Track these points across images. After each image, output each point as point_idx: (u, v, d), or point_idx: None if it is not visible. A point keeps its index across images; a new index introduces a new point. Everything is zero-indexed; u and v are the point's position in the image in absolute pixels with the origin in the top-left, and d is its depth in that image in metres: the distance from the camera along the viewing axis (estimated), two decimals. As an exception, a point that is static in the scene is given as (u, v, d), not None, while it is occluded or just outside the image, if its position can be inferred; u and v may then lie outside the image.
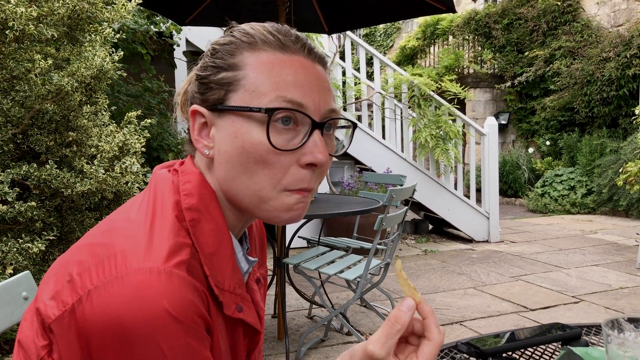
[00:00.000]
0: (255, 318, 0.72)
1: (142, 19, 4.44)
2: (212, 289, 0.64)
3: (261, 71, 0.66)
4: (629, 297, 3.94)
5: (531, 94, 10.13)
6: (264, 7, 3.73)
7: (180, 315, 0.57)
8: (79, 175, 1.73)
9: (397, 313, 0.60)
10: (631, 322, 0.66)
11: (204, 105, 0.69)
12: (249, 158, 0.65)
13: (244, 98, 0.66)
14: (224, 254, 0.67)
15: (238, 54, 0.68)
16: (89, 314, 0.56)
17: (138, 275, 0.57)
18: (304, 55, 0.69)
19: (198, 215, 0.66)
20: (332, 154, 0.70)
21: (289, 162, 0.66)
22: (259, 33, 0.69)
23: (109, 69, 1.74)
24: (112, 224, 0.66)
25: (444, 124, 5.91)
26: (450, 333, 3.28)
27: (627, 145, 7.82)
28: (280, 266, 3.08)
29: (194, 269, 0.62)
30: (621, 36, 8.59)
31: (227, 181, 0.68)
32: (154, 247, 0.60)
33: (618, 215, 7.89)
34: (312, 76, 0.68)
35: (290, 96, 0.65)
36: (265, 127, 0.64)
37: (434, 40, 11.77)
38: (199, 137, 0.70)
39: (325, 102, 0.68)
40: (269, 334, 3.28)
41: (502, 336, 0.99)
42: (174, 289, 0.57)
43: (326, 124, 0.69)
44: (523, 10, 10.27)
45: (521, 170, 9.55)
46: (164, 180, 0.69)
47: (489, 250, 5.65)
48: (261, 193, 0.66)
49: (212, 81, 0.68)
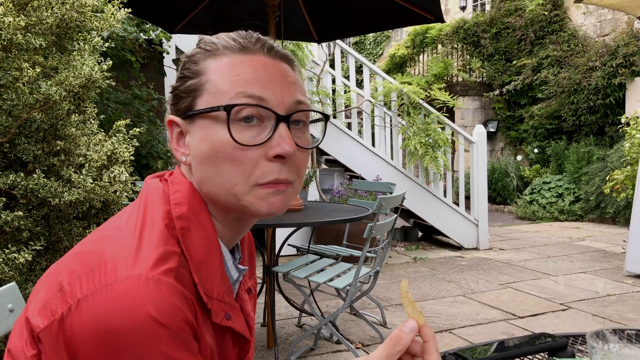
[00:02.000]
0: (244, 326, 0.73)
1: (132, 26, 4.44)
2: (200, 297, 0.65)
3: (222, 73, 0.68)
4: (617, 305, 3.98)
5: (519, 102, 10.23)
6: (253, 16, 3.75)
7: (166, 321, 0.57)
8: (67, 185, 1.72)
9: (399, 334, 0.61)
10: (615, 333, 0.66)
11: (177, 115, 0.71)
12: (218, 157, 0.67)
13: (208, 100, 0.68)
14: (213, 262, 0.67)
15: (201, 62, 0.70)
16: (77, 323, 0.57)
17: (126, 283, 0.58)
18: (264, 54, 0.70)
19: (188, 224, 0.67)
20: (305, 146, 0.71)
21: (257, 156, 0.67)
22: (222, 41, 0.71)
23: (97, 78, 1.73)
24: (104, 233, 0.67)
25: (433, 131, 5.95)
26: (440, 341, 3.29)
27: (613, 153, 7.90)
28: (269, 274, 3.07)
29: (183, 276, 0.63)
30: (607, 46, 8.71)
31: (204, 183, 0.69)
32: (142, 254, 0.61)
33: (605, 223, 7.96)
34: (273, 72, 0.70)
35: (250, 91, 0.67)
36: (227, 125, 0.66)
37: (423, 49, 11.85)
38: (177, 146, 0.72)
39: (290, 95, 0.70)
40: (258, 343, 3.27)
41: (491, 345, 0.99)
42: (160, 295, 0.58)
43: (294, 118, 0.70)
44: (511, 20, 10.38)
45: (510, 178, 9.62)
46: (155, 189, 0.70)
47: (478, 258, 5.68)
48: (234, 190, 0.67)
49: (181, 91, 0.71)
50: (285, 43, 5.47)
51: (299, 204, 3.21)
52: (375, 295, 4.09)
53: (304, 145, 0.71)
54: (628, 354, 0.64)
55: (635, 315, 3.72)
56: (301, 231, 5.26)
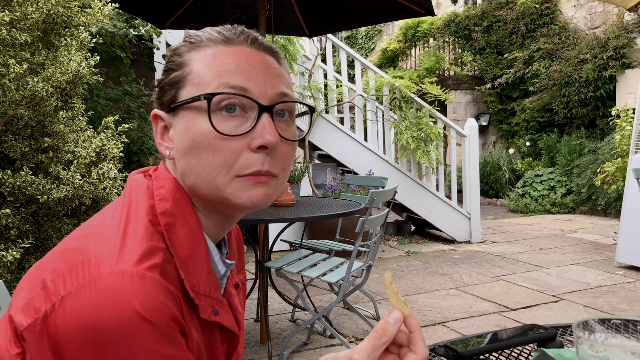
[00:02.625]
0: (232, 321, 0.73)
1: (121, 22, 4.40)
2: (187, 292, 0.64)
3: (204, 63, 0.68)
4: (607, 295, 4.01)
5: (511, 96, 10.25)
6: (244, 10, 3.73)
7: (151, 317, 0.57)
8: (55, 182, 1.71)
9: (384, 325, 0.61)
10: (601, 323, 0.67)
11: (161, 109, 0.71)
12: (199, 148, 0.66)
13: (191, 91, 0.67)
14: (199, 258, 0.67)
15: (185, 54, 0.70)
16: (61, 320, 0.56)
17: (110, 279, 0.57)
18: (247, 45, 0.70)
19: (172, 220, 0.66)
20: (290, 138, 0.70)
21: (240, 147, 0.66)
22: (206, 33, 0.71)
23: (85, 73, 1.72)
24: (87, 229, 0.66)
25: (425, 125, 5.95)
26: (433, 334, 3.30)
27: (604, 145, 7.95)
28: (262, 270, 3.07)
29: (168, 272, 0.62)
30: (597, 38, 8.74)
31: (186, 175, 0.69)
32: (126, 250, 0.61)
33: (597, 215, 8.01)
34: (256, 62, 0.69)
35: (232, 82, 0.66)
36: (208, 114, 0.65)
37: (414, 43, 11.85)
38: (161, 140, 0.72)
39: (273, 86, 0.69)
40: (251, 338, 3.27)
41: (484, 337, 1.00)
42: (145, 291, 0.58)
43: (278, 109, 0.69)
44: (502, 13, 10.39)
45: (502, 171, 9.65)
46: (139, 185, 0.70)
47: (470, 251, 5.70)
48: (215, 181, 0.67)
49: (166, 83, 0.70)
50: (276, 38, 5.45)
51: (291, 199, 3.21)
52: (369, 289, 4.10)
53: (289, 137, 0.70)
54: (614, 343, 0.65)
55: (626, 306, 3.75)
56: (294, 226, 5.26)
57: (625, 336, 0.67)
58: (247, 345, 3.16)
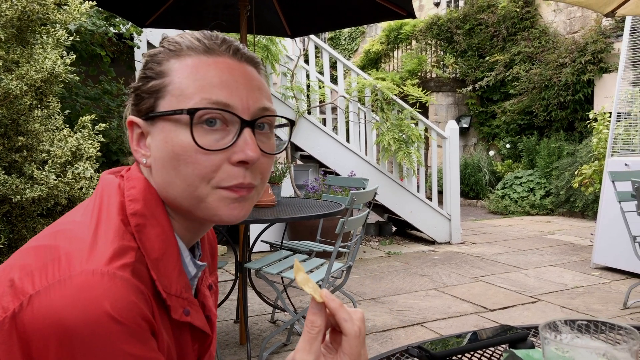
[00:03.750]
0: (203, 321, 0.72)
1: (101, 20, 4.35)
2: (158, 292, 0.64)
3: (186, 75, 0.67)
4: (584, 296, 4.07)
5: (492, 98, 10.36)
6: (225, 10, 3.71)
7: (122, 317, 0.57)
8: (29, 181, 1.68)
9: (310, 317, 0.61)
10: (567, 324, 0.68)
11: (138, 116, 0.70)
12: (179, 161, 0.66)
13: (171, 103, 0.67)
14: (170, 259, 0.67)
15: (165, 62, 0.69)
16: (29, 318, 0.56)
17: (80, 278, 0.57)
18: (229, 56, 0.69)
19: (143, 221, 0.66)
20: (271, 152, 0.71)
21: (220, 161, 0.66)
22: (186, 40, 0.70)
23: (60, 72, 1.69)
24: (58, 227, 0.66)
25: (406, 127, 5.99)
26: (412, 334, 3.32)
27: (582, 148, 8.07)
28: (242, 271, 3.06)
29: (140, 272, 0.62)
30: (576, 43, 8.88)
31: (165, 187, 0.68)
32: (98, 249, 0.60)
33: (575, 216, 8.13)
34: (238, 76, 0.68)
35: (215, 98, 0.66)
36: (190, 128, 0.65)
37: (397, 45, 11.91)
38: (137, 147, 0.71)
39: (256, 101, 0.69)
40: (231, 339, 3.26)
41: (463, 337, 1.01)
42: (116, 290, 0.57)
43: (258, 123, 0.69)
44: (484, 16, 10.50)
45: (482, 173, 9.75)
46: (111, 184, 0.69)
47: (450, 252, 5.74)
48: (196, 192, 0.67)
49: (143, 91, 0.69)
50: (258, 38, 5.43)
51: (272, 199, 3.20)
52: (349, 290, 4.11)
53: (269, 151, 0.70)
54: (579, 343, 0.66)
55: (601, 306, 3.81)
56: (275, 227, 5.25)
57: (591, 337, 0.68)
58: (226, 347, 3.15)
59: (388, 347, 3.09)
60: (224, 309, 3.73)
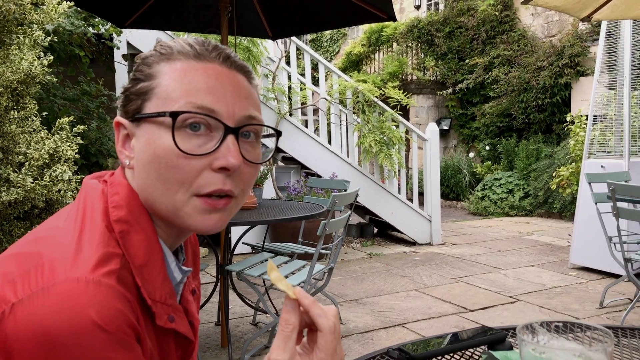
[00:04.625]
0: (187, 328, 0.72)
1: (79, 20, 4.29)
2: (143, 299, 0.64)
3: (173, 78, 0.67)
4: (561, 296, 4.13)
5: (472, 101, 10.48)
6: (206, 11, 3.69)
7: (108, 326, 0.56)
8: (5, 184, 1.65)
9: (284, 315, 0.61)
10: (544, 326, 0.69)
11: (125, 117, 0.70)
12: (160, 164, 0.65)
13: (157, 105, 0.67)
14: (154, 265, 0.66)
15: (155, 65, 0.69)
16: (12, 328, 0.54)
17: (65, 286, 0.56)
18: (219, 63, 0.69)
19: (127, 227, 0.65)
20: (254, 161, 0.70)
21: (201, 166, 0.66)
22: (177, 45, 0.70)
23: (37, 73, 1.67)
24: (40, 233, 0.65)
25: (387, 129, 6.02)
26: (393, 335, 3.34)
27: (560, 150, 8.21)
28: (223, 273, 3.04)
29: (125, 279, 0.61)
30: (554, 46, 9.03)
31: (145, 189, 0.68)
32: (82, 256, 0.59)
33: (553, 217, 8.26)
34: (226, 82, 0.68)
35: (200, 102, 0.66)
36: (171, 131, 0.65)
37: (378, 47, 11.97)
38: (122, 148, 0.71)
39: (242, 108, 0.69)
40: (212, 342, 3.24)
41: (444, 337, 1.02)
42: (101, 298, 0.57)
43: (244, 131, 0.69)
44: (464, 19, 10.61)
45: (462, 174, 9.84)
46: (94, 190, 0.69)
47: (431, 253, 5.79)
48: (174, 198, 0.66)
49: (132, 92, 0.69)
50: (239, 39, 5.41)
51: (253, 202, 3.19)
52: (331, 292, 4.11)
53: (253, 160, 0.70)
54: (555, 345, 0.67)
55: (578, 306, 3.88)
56: (256, 229, 5.23)
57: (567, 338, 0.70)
58: (208, 349, 3.13)
59: (369, 348, 3.10)
60: (205, 312, 3.70)
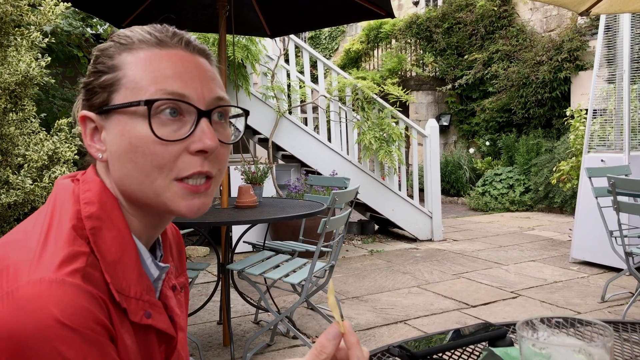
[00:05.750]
0: (167, 324, 0.72)
1: (77, 20, 4.29)
2: (114, 296, 0.63)
3: (139, 68, 0.68)
4: (563, 291, 4.13)
5: (471, 96, 10.46)
6: (204, 10, 3.68)
7: (73, 323, 0.56)
8: (5, 186, 1.65)
9: (323, 342, 0.61)
10: (544, 322, 0.69)
11: (91, 110, 0.70)
12: (137, 153, 0.66)
13: (126, 96, 0.67)
14: (128, 262, 0.66)
15: (117, 56, 0.69)
16: None
17: (27, 288, 0.56)
18: (182, 49, 0.70)
19: (99, 223, 0.66)
20: (226, 141, 0.72)
21: (178, 151, 0.67)
22: (136, 34, 0.70)
23: (35, 75, 1.66)
24: (10, 237, 0.65)
25: (387, 126, 6.02)
26: (395, 332, 3.34)
27: (560, 144, 8.20)
28: (224, 272, 3.04)
29: (92, 276, 0.61)
30: (553, 41, 9.01)
31: (122, 180, 0.69)
32: (45, 257, 0.59)
33: (553, 212, 8.26)
34: (192, 67, 0.69)
35: (170, 88, 0.66)
36: (147, 120, 0.65)
37: (377, 44, 11.94)
38: (91, 142, 0.71)
39: (210, 91, 0.70)
40: (214, 341, 3.24)
41: (446, 334, 1.02)
42: (65, 297, 0.57)
43: (215, 112, 0.70)
44: (462, 15, 10.59)
45: (463, 170, 9.84)
46: (65, 190, 0.69)
47: (432, 249, 5.79)
48: (154, 185, 0.67)
49: (96, 85, 0.69)
50: (237, 38, 5.41)
51: (253, 200, 3.19)
52: (332, 290, 4.11)
53: (225, 140, 0.71)
54: (555, 341, 0.67)
55: (579, 300, 3.88)
56: (257, 227, 5.23)
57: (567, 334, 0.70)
58: (210, 348, 3.14)
59: (371, 345, 3.11)
60: (207, 311, 3.71)
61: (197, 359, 2.93)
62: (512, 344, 0.99)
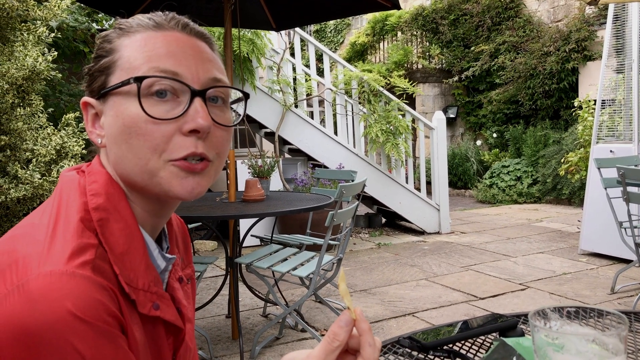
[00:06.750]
0: (175, 315, 0.72)
1: (83, 16, 4.30)
2: (123, 287, 0.63)
3: (134, 49, 0.68)
4: (572, 282, 4.12)
5: (478, 88, 10.40)
6: (209, 4, 3.68)
7: (86, 316, 0.55)
8: (14, 181, 1.66)
9: (335, 329, 0.60)
10: (556, 311, 0.68)
11: (91, 96, 0.70)
12: (130, 134, 0.65)
13: (120, 76, 0.67)
14: (136, 253, 0.66)
15: (115, 40, 0.69)
16: None
17: (38, 281, 0.56)
18: (178, 31, 0.70)
19: (106, 215, 0.65)
20: (227, 124, 0.71)
21: (171, 131, 0.66)
22: (136, 20, 0.71)
23: (42, 69, 1.67)
24: (17, 231, 0.64)
25: (393, 119, 6.00)
26: (403, 324, 3.34)
27: (568, 136, 8.14)
28: (232, 266, 3.05)
29: (101, 268, 0.61)
30: (560, 31, 8.93)
31: (118, 163, 0.68)
32: (54, 250, 0.59)
33: (562, 204, 8.21)
34: (187, 47, 0.69)
35: (162, 66, 0.66)
36: (137, 97, 0.65)
37: (383, 36, 11.89)
38: (92, 128, 0.71)
39: (206, 71, 0.69)
40: (223, 335, 3.25)
41: (455, 325, 1.01)
42: (77, 289, 0.56)
43: (211, 95, 0.69)
44: (468, 6, 10.51)
45: (470, 162, 9.80)
46: (70, 182, 0.68)
47: (440, 242, 5.78)
48: (148, 166, 0.66)
49: (95, 70, 0.70)
50: (243, 31, 5.40)
51: (260, 194, 3.19)
52: (340, 283, 4.11)
53: (223, 123, 0.70)
54: (568, 330, 0.66)
55: (589, 292, 3.86)
56: (264, 221, 5.24)
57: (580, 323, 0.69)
58: (219, 342, 3.15)
59: (380, 338, 3.10)
60: (216, 304, 3.72)
61: (206, 352, 2.94)
62: (522, 335, 0.98)
